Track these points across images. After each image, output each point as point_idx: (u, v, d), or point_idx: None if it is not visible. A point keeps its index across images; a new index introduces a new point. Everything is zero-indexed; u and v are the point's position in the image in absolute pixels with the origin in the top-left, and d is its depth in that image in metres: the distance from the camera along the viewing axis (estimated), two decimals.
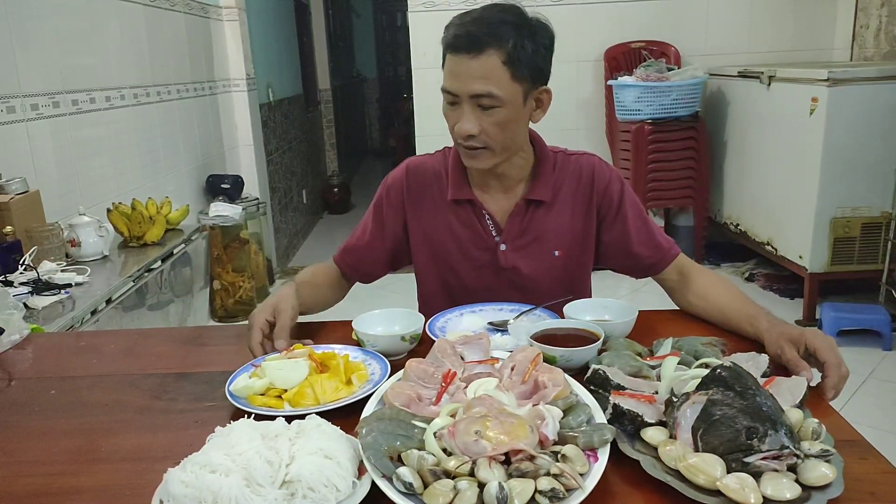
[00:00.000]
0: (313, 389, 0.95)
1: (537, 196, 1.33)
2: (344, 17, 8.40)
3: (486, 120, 1.20)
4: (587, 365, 0.96)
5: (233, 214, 3.45)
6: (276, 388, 0.96)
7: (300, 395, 0.94)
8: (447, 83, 1.21)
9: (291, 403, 0.94)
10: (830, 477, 0.71)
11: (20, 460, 0.87)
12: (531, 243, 1.36)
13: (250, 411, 0.90)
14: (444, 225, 1.38)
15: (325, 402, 0.93)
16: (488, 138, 1.22)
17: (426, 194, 1.39)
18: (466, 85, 1.18)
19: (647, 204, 3.98)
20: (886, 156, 3.06)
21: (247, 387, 0.95)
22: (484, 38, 1.16)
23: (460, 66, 1.18)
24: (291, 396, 0.95)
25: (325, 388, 0.95)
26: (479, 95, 1.18)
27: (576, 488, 0.69)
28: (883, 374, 2.78)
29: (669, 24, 4.14)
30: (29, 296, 1.76)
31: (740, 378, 0.76)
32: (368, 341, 1.09)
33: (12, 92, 2.12)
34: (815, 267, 3.21)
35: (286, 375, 0.97)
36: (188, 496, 0.68)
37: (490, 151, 1.24)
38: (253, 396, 0.95)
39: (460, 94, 1.19)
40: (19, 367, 1.18)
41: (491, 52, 1.16)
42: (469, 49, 1.16)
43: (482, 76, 1.17)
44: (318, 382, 0.96)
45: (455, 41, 1.18)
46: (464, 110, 1.20)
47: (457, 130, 1.22)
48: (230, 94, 4.16)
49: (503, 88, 1.18)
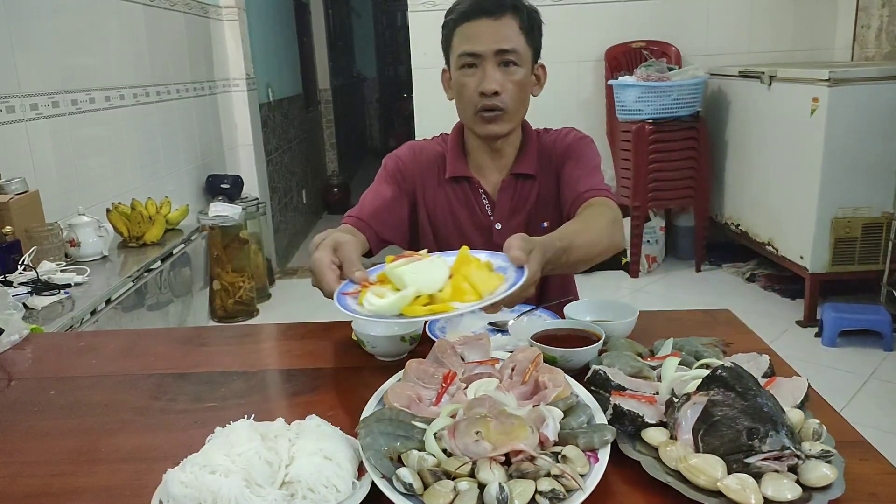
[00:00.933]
0: (470, 283, 0.82)
1: (523, 170, 1.40)
2: (344, 17, 8.40)
3: (508, 79, 1.29)
4: (588, 365, 0.96)
5: (232, 214, 3.45)
6: (422, 296, 0.82)
7: (459, 292, 0.81)
8: (469, 45, 1.29)
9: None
10: (831, 478, 0.71)
11: (19, 460, 0.87)
12: (522, 220, 1.41)
13: (423, 319, 0.78)
14: (445, 204, 1.42)
15: (488, 294, 0.81)
16: (508, 99, 1.30)
17: (429, 172, 1.44)
18: (492, 43, 1.27)
19: (648, 204, 3.98)
20: (887, 156, 3.06)
21: (400, 298, 0.80)
22: (505, 4, 1.28)
23: (483, 28, 1.28)
24: (450, 296, 0.81)
25: (481, 279, 0.83)
26: (504, 51, 1.27)
27: (576, 489, 0.69)
28: (884, 374, 2.78)
29: (670, 23, 4.14)
30: (28, 296, 1.76)
31: (741, 379, 0.76)
32: (368, 342, 1.09)
33: (12, 92, 2.12)
34: (815, 267, 3.21)
35: (430, 277, 0.83)
36: (188, 497, 0.68)
37: (507, 115, 1.32)
38: (409, 308, 0.80)
39: (485, 52, 1.28)
40: (19, 368, 1.18)
41: (510, 17, 1.28)
42: (493, 12, 1.27)
43: (506, 34, 1.28)
44: (471, 275, 0.83)
45: (476, 6, 1.27)
46: (486, 69, 1.28)
47: (481, 89, 1.29)
48: (230, 93, 4.16)
49: (522, 49, 1.29)
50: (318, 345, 1.18)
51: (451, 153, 1.42)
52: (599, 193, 1.30)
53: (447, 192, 1.42)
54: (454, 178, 1.41)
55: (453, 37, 1.32)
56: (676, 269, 4.18)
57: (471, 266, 0.85)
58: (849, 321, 3.02)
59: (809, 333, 3.19)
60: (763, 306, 3.56)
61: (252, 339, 1.25)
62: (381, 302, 0.82)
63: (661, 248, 4.23)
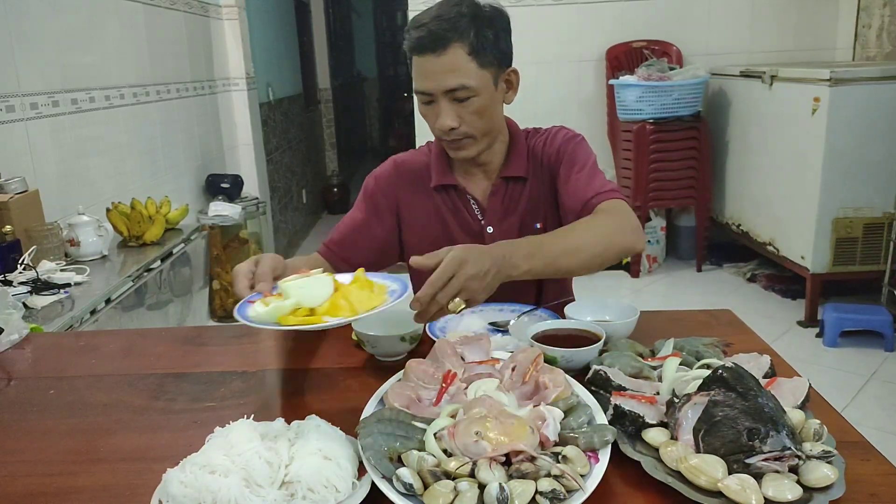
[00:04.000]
0: (347, 300, 0.88)
1: (513, 172, 1.37)
2: (344, 17, 8.40)
3: (464, 111, 1.24)
4: (588, 365, 0.96)
5: (232, 214, 3.45)
6: (303, 308, 0.88)
7: (335, 308, 0.87)
8: (419, 84, 1.25)
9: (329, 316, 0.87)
10: (832, 478, 0.71)
11: (19, 460, 0.87)
12: (514, 223, 1.39)
13: (285, 329, 0.85)
14: (433, 213, 1.41)
15: (363, 311, 0.87)
16: (469, 128, 1.26)
17: (414, 186, 1.42)
18: (439, 82, 1.22)
19: (649, 204, 3.98)
20: (889, 156, 3.06)
21: (275, 308, 0.87)
22: (446, 35, 1.19)
23: (429, 66, 1.22)
24: (326, 310, 0.87)
25: (359, 297, 0.89)
26: (452, 90, 1.22)
27: (576, 489, 0.69)
28: (885, 374, 2.78)
29: (671, 23, 4.14)
30: (28, 295, 1.76)
31: (742, 379, 0.76)
32: (368, 342, 1.09)
33: (11, 91, 2.12)
34: (817, 267, 3.20)
35: (312, 293, 0.89)
36: (187, 496, 0.68)
37: (473, 140, 1.28)
38: (284, 317, 0.87)
39: (434, 91, 1.23)
40: (18, 367, 1.18)
41: (455, 47, 1.20)
42: (434, 48, 1.20)
43: (451, 70, 1.21)
44: (350, 293, 0.90)
45: (419, 43, 1.21)
46: (441, 107, 1.24)
47: (438, 126, 1.26)
48: (230, 93, 4.16)
49: (473, 78, 1.22)
50: (318, 345, 1.18)
51: (436, 162, 1.40)
52: (607, 196, 1.26)
53: (435, 201, 1.40)
54: (440, 186, 1.39)
55: (410, 64, 1.26)
56: (677, 269, 4.18)
57: (354, 286, 0.93)
58: (850, 321, 3.02)
59: (810, 334, 3.19)
60: (764, 306, 3.56)
61: (252, 339, 1.24)
62: (262, 309, 0.89)
63: (662, 248, 4.23)
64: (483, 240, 1.38)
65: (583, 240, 1.11)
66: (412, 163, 1.44)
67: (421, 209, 1.41)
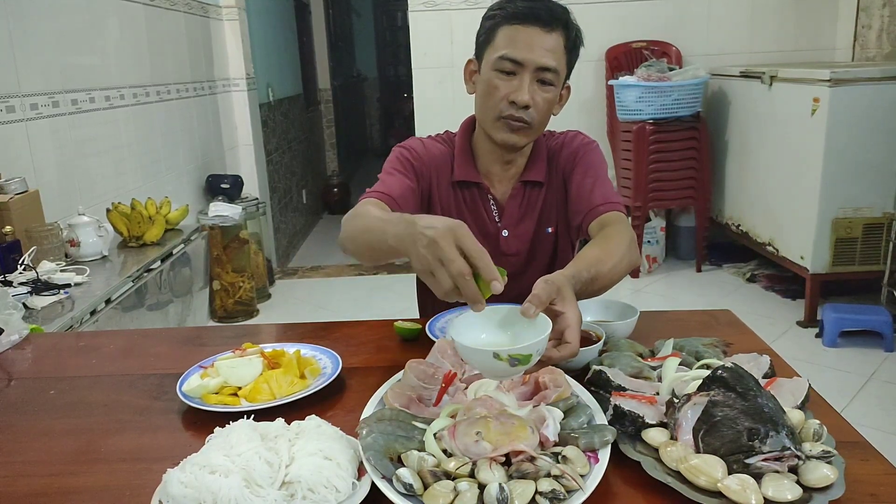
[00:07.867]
0: (269, 385, 0.97)
1: (533, 177, 1.38)
2: (344, 17, 8.40)
3: (541, 95, 1.25)
4: (588, 366, 0.96)
5: (232, 214, 3.45)
6: (230, 387, 0.99)
7: (256, 391, 0.97)
8: (514, 51, 1.22)
9: (248, 399, 0.96)
10: (832, 478, 0.71)
11: (19, 460, 0.87)
12: (530, 227, 1.39)
13: (206, 409, 0.92)
14: (453, 207, 1.39)
15: (281, 396, 0.95)
16: (536, 114, 1.26)
17: (438, 173, 1.39)
18: (538, 56, 1.22)
19: (649, 204, 3.98)
20: (888, 156, 3.06)
21: (200, 386, 0.97)
22: (560, 17, 1.23)
23: (534, 37, 1.22)
24: (248, 393, 0.97)
25: (279, 382, 0.98)
26: (546, 69, 1.22)
27: (576, 489, 0.69)
28: (884, 375, 2.78)
29: (671, 23, 4.14)
30: (28, 296, 1.76)
31: (741, 379, 0.76)
32: (465, 355, 0.83)
33: (12, 91, 2.12)
34: (816, 268, 3.20)
35: (240, 373, 0.99)
36: (187, 497, 0.68)
37: (530, 129, 1.28)
38: (207, 395, 0.96)
39: (528, 63, 1.22)
40: (18, 368, 1.18)
41: (560, 33, 1.23)
42: (546, 22, 1.21)
43: (552, 50, 1.22)
44: (272, 378, 0.98)
45: (531, 12, 1.21)
46: (524, 80, 1.23)
47: (514, 97, 1.24)
48: (230, 93, 4.16)
49: (562, 68, 1.25)
50: (318, 345, 1.18)
51: (460, 155, 1.37)
52: (613, 207, 1.28)
53: (456, 194, 1.39)
54: (463, 182, 1.37)
55: (496, 34, 1.24)
56: (677, 269, 4.18)
57: (281, 371, 1.00)
58: (849, 321, 3.02)
59: (810, 334, 3.19)
60: (763, 307, 3.56)
61: (252, 340, 1.24)
62: (196, 383, 0.98)
63: (662, 248, 4.23)
64: (497, 242, 1.37)
65: (616, 272, 1.11)
66: (435, 149, 1.40)
67: (444, 198, 1.39)
